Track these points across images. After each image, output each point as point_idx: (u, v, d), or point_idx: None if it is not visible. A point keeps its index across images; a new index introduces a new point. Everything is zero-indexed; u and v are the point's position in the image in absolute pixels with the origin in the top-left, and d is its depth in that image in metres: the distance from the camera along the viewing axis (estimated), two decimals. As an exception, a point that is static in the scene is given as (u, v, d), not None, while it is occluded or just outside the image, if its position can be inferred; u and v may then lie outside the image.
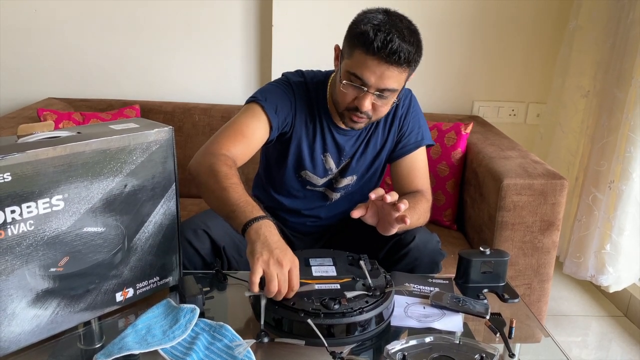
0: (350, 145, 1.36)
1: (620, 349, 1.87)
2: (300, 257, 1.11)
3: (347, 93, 1.19)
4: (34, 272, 0.86)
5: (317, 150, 1.34)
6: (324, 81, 1.33)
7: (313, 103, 1.32)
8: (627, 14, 1.85)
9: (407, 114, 1.37)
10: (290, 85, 1.31)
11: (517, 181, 1.56)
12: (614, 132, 1.88)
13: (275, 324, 0.96)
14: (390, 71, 1.13)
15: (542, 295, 1.67)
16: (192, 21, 2.17)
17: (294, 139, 1.32)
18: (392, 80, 1.14)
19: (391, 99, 1.20)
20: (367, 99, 1.17)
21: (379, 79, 1.14)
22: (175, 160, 1.01)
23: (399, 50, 1.10)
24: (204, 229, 1.24)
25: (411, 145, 1.36)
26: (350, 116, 1.23)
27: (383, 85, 1.15)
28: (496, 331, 0.98)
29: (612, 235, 1.88)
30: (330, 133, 1.33)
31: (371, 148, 1.37)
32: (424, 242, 1.25)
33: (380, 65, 1.12)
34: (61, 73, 2.20)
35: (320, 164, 1.35)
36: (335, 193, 1.41)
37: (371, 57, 1.11)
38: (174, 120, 2.07)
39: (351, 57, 1.15)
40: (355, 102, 1.19)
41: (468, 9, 2.20)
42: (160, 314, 0.97)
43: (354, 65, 1.15)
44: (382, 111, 1.23)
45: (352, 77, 1.16)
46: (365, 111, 1.19)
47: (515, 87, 2.33)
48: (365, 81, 1.14)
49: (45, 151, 0.82)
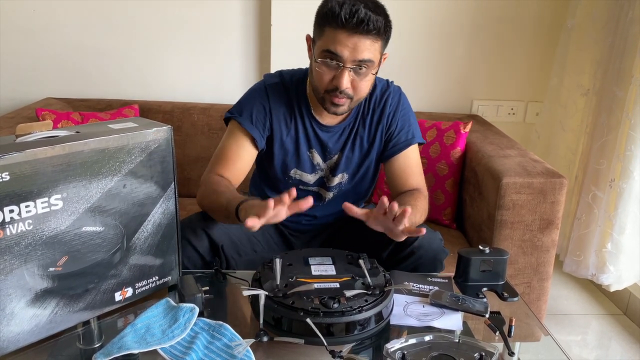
0: (334, 141, 1.35)
1: (620, 347, 1.87)
2: (300, 256, 1.12)
3: (323, 73, 1.19)
4: (33, 272, 0.86)
5: (302, 146, 1.34)
6: (303, 78, 1.33)
7: (292, 101, 1.32)
8: (626, 13, 1.85)
9: (395, 112, 1.36)
10: (264, 89, 1.32)
11: (517, 180, 1.56)
12: (614, 131, 1.88)
13: (275, 323, 0.96)
14: (362, 42, 1.13)
15: (542, 293, 1.67)
16: (191, 21, 2.17)
17: (275, 140, 1.33)
18: (365, 51, 1.14)
19: (369, 73, 1.19)
20: (344, 75, 1.16)
21: (353, 51, 1.14)
22: (174, 160, 1.00)
23: (367, 19, 1.11)
24: (203, 227, 1.24)
25: (402, 144, 1.36)
26: (330, 99, 1.21)
27: (358, 57, 1.15)
28: (496, 330, 0.98)
29: (613, 233, 1.88)
30: (313, 130, 1.34)
31: (358, 145, 1.37)
32: (427, 241, 1.25)
33: (352, 37, 1.13)
34: (60, 73, 2.20)
35: (307, 159, 1.35)
36: (328, 192, 1.41)
37: (341, 30, 1.13)
38: (173, 120, 2.07)
39: (322, 36, 1.17)
40: (334, 82, 1.19)
41: (467, 9, 2.20)
42: (160, 313, 0.96)
43: (326, 43, 1.16)
44: (362, 88, 1.21)
45: (326, 55, 1.16)
46: (344, 89, 1.18)
47: (514, 86, 2.33)
48: (340, 55, 1.15)
49: (44, 150, 0.82)
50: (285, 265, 1.07)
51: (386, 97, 1.35)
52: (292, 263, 1.09)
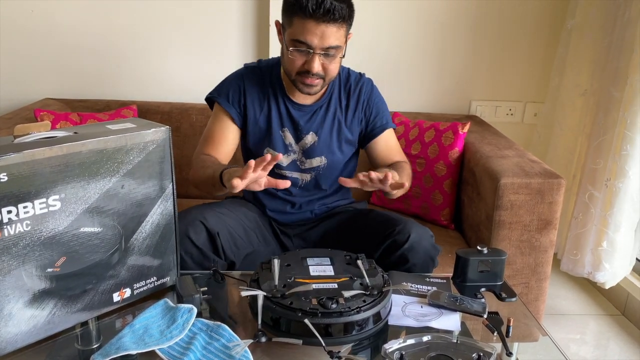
0: (305, 120, 1.43)
1: (618, 347, 1.87)
2: (298, 257, 1.12)
3: (295, 59, 1.29)
4: (31, 273, 0.86)
5: (275, 124, 1.42)
6: (277, 62, 1.44)
7: (266, 82, 1.43)
8: (623, 13, 1.86)
9: (370, 99, 1.47)
10: (242, 72, 1.45)
11: (515, 180, 1.56)
12: (610, 131, 1.88)
13: (273, 324, 0.96)
14: (329, 29, 1.23)
15: (540, 294, 1.67)
16: (190, 21, 2.17)
17: (249, 119, 1.42)
18: (332, 37, 1.25)
19: (337, 55, 1.30)
20: (315, 60, 1.27)
21: (321, 39, 1.24)
22: (172, 161, 1.00)
23: (333, 8, 1.21)
24: (200, 219, 1.26)
25: (378, 128, 1.48)
26: (302, 81, 1.31)
27: (327, 44, 1.25)
28: (494, 330, 0.98)
29: (609, 232, 1.89)
30: (285, 107, 1.42)
31: (336, 129, 1.45)
32: (418, 240, 1.27)
33: (319, 26, 1.22)
34: (58, 73, 2.19)
35: (279, 138, 1.43)
36: (304, 174, 1.46)
37: (309, 20, 1.22)
38: (171, 121, 2.07)
39: (291, 26, 1.26)
40: (305, 66, 1.29)
41: (465, 9, 2.20)
42: (158, 314, 0.96)
43: (296, 32, 1.25)
44: (332, 69, 1.31)
45: (296, 44, 1.26)
46: (316, 72, 1.28)
47: (512, 86, 2.33)
48: (309, 44, 1.25)
49: (42, 151, 0.82)
50: (283, 266, 1.07)
51: (360, 85, 1.47)
52: (290, 263, 1.09)
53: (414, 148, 1.91)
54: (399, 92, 2.28)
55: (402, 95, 2.29)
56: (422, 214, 1.89)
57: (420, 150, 1.90)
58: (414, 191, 1.88)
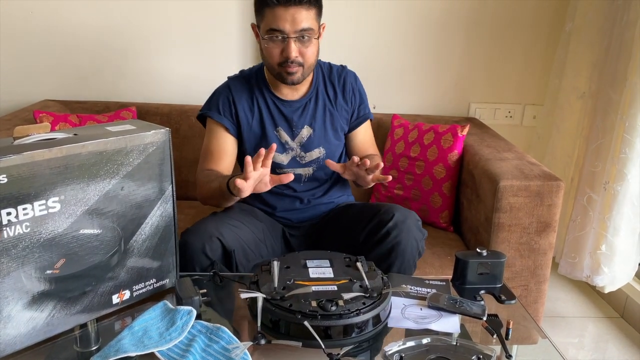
0: (298, 115, 1.47)
1: (616, 350, 1.87)
2: (298, 259, 1.12)
3: (272, 48, 1.34)
4: (30, 275, 0.85)
5: (268, 126, 1.46)
6: (260, 67, 1.50)
7: (253, 87, 1.47)
8: (621, 16, 1.86)
9: (354, 88, 1.53)
10: (227, 84, 1.49)
11: (514, 183, 1.57)
12: (609, 134, 1.88)
13: (272, 326, 0.96)
14: (298, 13, 1.29)
15: (539, 296, 1.67)
16: (189, 23, 2.17)
17: (243, 127, 1.46)
18: (304, 20, 1.30)
19: (312, 39, 1.34)
20: (290, 45, 1.32)
21: (292, 23, 1.29)
22: (172, 162, 1.00)
23: None
24: (217, 236, 1.26)
25: (362, 118, 1.55)
26: (285, 70, 1.36)
27: (299, 27, 1.30)
28: (493, 332, 0.98)
29: (608, 235, 1.89)
30: (276, 107, 1.46)
31: (328, 119, 1.49)
32: (402, 220, 1.31)
33: (288, 10, 1.28)
34: (58, 75, 2.19)
35: (274, 138, 1.46)
36: (306, 168, 1.49)
37: (277, 7, 1.28)
38: (171, 122, 2.07)
39: (263, 19, 1.32)
40: (283, 55, 1.34)
41: (464, 11, 2.21)
42: (157, 316, 0.96)
43: (268, 22, 1.31)
44: (310, 54, 1.36)
45: (270, 33, 1.32)
46: (294, 58, 1.33)
47: (511, 88, 2.34)
48: (282, 29, 1.30)
49: (42, 153, 0.82)
50: (282, 268, 1.07)
51: (344, 75, 1.52)
52: (289, 266, 1.09)
53: (413, 150, 1.91)
54: (398, 94, 2.28)
55: (401, 98, 2.29)
56: (421, 216, 1.88)
57: (419, 152, 1.90)
58: (413, 193, 1.88)
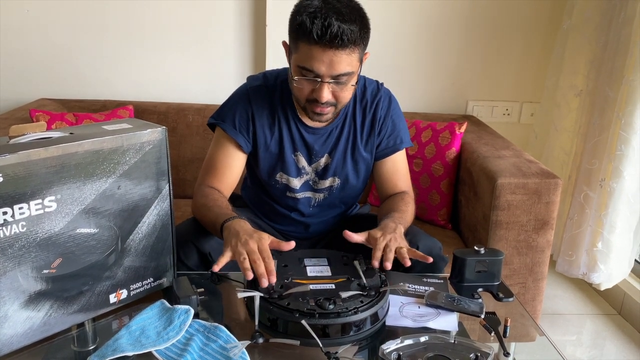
0: (320, 144, 1.32)
1: (614, 347, 1.88)
2: (295, 257, 1.12)
3: (303, 87, 1.17)
4: (27, 274, 0.85)
5: (287, 150, 1.31)
6: (285, 78, 1.30)
7: (276, 104, 1.30)
8: (618, 14, 1.86)
9: (386, 116, 1.35)
10: (247, 93, 1.30)
11: (511, 180, 1.57)
12: (606, 131, 1.89)
13: (270, 325, 0.96)
14: (337, 56, 1.10)
15: (537, 294, 1.68)
16: (186, 21, 2.17)
17: (260, 145, 1.31)
18: (342, 64, 1.12)
19: (350, 82, 1.17)
20: (323, 89, 1.15)
21: (329, 67, 1.11)
22: (168, 161, 1.00)
23: (341, 33, 1.07)
24: (191, 240, 1.21)
25: (390, 149, 1.36)
26: (312, 109, 1.20)
27: (335, 72, 1.12)
28: (491, 330, 0.98)
29: (604, 232, 1.89)
30: (298, 132, 1.31)
31: (350, 150, 1.34)
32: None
33: (326, 53, 1.09)
34: (54, 74, 2.19)
35: (292, 162, 1.32)
36: (317, 194, 1.38)
37: (315, 46, 1.09)
38: (168, 121, 2.07)
39: (297, 51, 1.14)
40: (313, 94, 1.17)
41: (462, 9, 2.21)
42: (154, 315, 0.96)
43: (302, 59, 1.13)
44: (345, 96, 1.19)
45: (303, 71, 1.14)
46: (325, 101, 1.17)
47: (509, 86, 2.34)
48: (316, 72, 1.12)
49: (38, 152, 0.82)
50: (280, 267, 1.07)
51: (377, 101, 1.34)
52: (287, 264, 1.09)
53: (411, 148, 1.91)
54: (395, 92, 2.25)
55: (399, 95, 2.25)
56: (420, 214, 1.89)
57: (417, 150, 1.90)
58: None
